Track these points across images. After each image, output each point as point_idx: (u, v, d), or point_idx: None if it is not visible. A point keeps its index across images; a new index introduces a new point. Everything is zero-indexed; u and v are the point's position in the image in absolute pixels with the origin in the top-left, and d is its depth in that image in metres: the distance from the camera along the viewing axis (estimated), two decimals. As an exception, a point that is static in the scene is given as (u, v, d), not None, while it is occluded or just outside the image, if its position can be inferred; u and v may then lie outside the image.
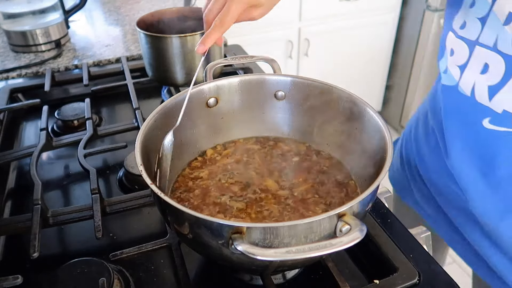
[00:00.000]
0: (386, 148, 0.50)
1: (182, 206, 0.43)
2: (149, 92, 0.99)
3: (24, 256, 0.59)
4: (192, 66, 0.86)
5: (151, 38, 0.83)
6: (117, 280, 0.52)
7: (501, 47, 0.55)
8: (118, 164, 0.77)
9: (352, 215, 0.42)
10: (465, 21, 0.59)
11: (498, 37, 0.55)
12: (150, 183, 0.45)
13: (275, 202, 0.56)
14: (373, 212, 0.62)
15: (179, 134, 0.62)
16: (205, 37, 0.59)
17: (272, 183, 0.60)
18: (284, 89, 0.64)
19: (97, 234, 0.57)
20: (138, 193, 0.65)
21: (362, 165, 0.58)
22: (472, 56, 0.60)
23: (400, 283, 0.52)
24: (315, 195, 0.57)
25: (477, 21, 0.57)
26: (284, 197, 0.57)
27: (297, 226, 0.41)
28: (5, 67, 1.06)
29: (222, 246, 0.43)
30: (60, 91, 1.02)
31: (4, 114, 0.90)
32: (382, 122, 0.53)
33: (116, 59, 1.10)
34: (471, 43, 0.59)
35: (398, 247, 0.56)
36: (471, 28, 0.58)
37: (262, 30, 2.07)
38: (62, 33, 1.17)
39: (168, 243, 0.58)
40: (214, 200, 0.57)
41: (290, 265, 0.52)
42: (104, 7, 1.45)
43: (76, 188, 0.74)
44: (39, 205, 0.60)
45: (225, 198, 0.57)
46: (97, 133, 0.81)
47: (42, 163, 0.79)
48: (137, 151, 0.50)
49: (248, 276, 0.56)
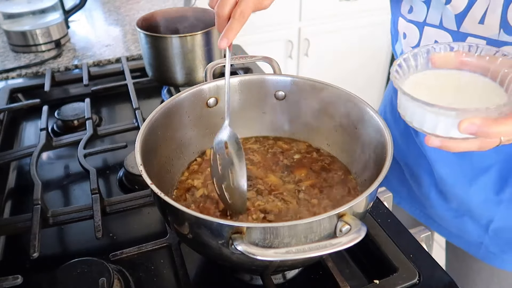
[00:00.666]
0: (386, 148, 0.50)
1: (182, 206, 0.43)
2: (149, 92, 0.99)
3: (24, 256, 0.59)
4: (192, 66, 0.86)
5: (151, 38, 0.83)
6: (117, 280, 0.52)
7: (446, 25, 0.61)
8: (118, 164, 0.77)
9: (352, 215, 0.42)
10: (411, 6, 0.65)
11: (442, 16, 0.61)
12: (150, 183, 0.45)
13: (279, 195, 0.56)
14: (373, 212, 0.62)
15: (179, 134, 0.62)
16: (227, 30, 0.53)
17: (274, 178, 0.60)
18: (284, 89, 0.64)
19: (97, 234, 0.57)
20: (138, 193, 0.65)
21: (362, 165, 0.58)
22: (422, 36, 0.66)
23: (400, 283, 0.52)
24: (315, 195, 0.57)
25: (423, 4, 0.63)
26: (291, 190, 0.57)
27: (297, 226, 0.41)
28: (5, 67, 1.06)
29: (222, 246, 0.43)
30: (60, 91, 1.01)
31: (4, 114, 0.90)
32: (382, 122, 0.53)
33: (116, 59, 1.10)
34: (420, 24, 0.65)
35: (398, 247, 0.56)
36: (418, 11, 0.65)
37: (262, 30, 2.07)
38: (62, 33, 1.17)
39: (168, 243, 0.58)
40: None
41: (290, 265, 0.52)
42: (104, 7, 1.45)
43: (76, 188, 0.74)
44: (39, 205, 0.60)
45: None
46: (97, 133, 0.81)
47: (42, 163, 0.79)
48: (137, 151, 0.50)
49: (248, 276, 0.56)
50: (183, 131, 0.62)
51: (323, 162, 0.63)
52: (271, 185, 0.59)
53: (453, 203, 0.74)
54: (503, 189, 0.68)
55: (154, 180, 0.46)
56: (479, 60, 0.44)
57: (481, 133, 0.38)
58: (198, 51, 0.84)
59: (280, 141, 0.67)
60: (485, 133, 0.38)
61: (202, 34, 0.83)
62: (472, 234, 0.75)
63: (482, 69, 0.44)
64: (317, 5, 2.16)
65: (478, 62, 0.44)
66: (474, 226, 0.74)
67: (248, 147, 0.66)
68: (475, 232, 0.74)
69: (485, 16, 0.56)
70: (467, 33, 0.59)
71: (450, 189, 0.73)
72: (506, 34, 0.55)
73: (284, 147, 0.66)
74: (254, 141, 0.67)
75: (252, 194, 0.57)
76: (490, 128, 0.38)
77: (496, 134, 0.38)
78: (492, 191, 0.69)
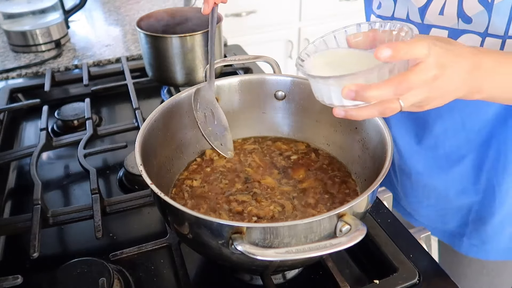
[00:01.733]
0: (386, 148, 0.50)
1: (182, 206, 0.43)
2: (149, 92, 0.99)
3: (24, 256, 0.58)
4: (192, 66, 0.86)
5: (151, 38, 0.83)
6: (117, 280, 0.52)
7: (412, 18, 0.64)
8: (118, 164, 0.77)
9: (352, 215, 0.42)
10: (380, 2, 0.68)
11: (408, 10, 0.64)
12: (150, 183, 0.45)
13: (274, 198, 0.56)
14: (373, 212, 0.62)
15: (179, 134, 0.62)
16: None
17: (271, 180, 0.60)
18: (284, 89, 0.64)
19: (97, 234, 0.57)
20: (138, 193, 0.65)
21: (362, 165, 0.58)
22: None
23: (400, 283, 0.52)
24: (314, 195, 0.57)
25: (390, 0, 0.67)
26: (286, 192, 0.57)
27: (297, 226, 0.41)
28: (5, 67, 1.06)
29: (222, 246, 0.43)
30: (60, 91, 1.01)
31: (4, 114, 0.90)
32: (382, 122, 0.53)
33: (116, 59, 1.10)
34: (389, 19, 0.67)
35: (398, 247, 0.56)
36: (386, 7, 0.68)
37: (262, 30, 2.07)
38: (62, 33, 1.17)
39: (168, 243, 0.58)
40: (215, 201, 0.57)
41: (290, 265, 0.52)
42: (104, 7, 1.45)
43: (76, 188, 0.74)
44: (39, 205, 0.60)
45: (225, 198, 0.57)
46: (97, 133, 0.81)
47: (42, 163, 0.79)
48: (137, 151, 0.50)
49: (248, 276, 0.56)
50: (183, 131, 0.62)
51: (323, 162, 0.63)
52: (268, 188, 0.59)
53: (431, 198, 0.76)
54: (479, 178, 0.69)
55: (154, 180, 0.46)
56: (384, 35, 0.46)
57: (359, 97, 0.40)
58: (198, 51, 0.84)
59: (279, 141, 0.67)
60: (362, 98, 0.40)
61: (202, 34, 0.83)
62: (453, 227, 0.76)
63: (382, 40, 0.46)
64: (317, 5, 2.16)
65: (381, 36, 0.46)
66: (454, 219, 0.75)
67: (246, 148, 0.66)
68: (456, 225, 0.75)
69: (444, 8, 0.59)
70: (431, 25, 0.62)
71: (428, 182, 0.74)
72: (464, 22, 0.58)
73: (283, 147, 0.66)
74: (253, 141, 0.67)
75: (247, 198, 0.57)
76: (365, 92, 0.40)
77: (371, 98, 0.40)
78: (468, 182, 0.70)
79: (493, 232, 0.71)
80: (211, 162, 0.64)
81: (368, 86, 0.40)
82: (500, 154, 0.65)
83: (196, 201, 0.57)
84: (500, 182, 0.67)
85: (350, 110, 0.44)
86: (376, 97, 0.40)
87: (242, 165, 0.63)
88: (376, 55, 0.39)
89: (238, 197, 0.57)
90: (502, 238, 0.71)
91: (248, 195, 0.57)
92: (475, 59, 0.44)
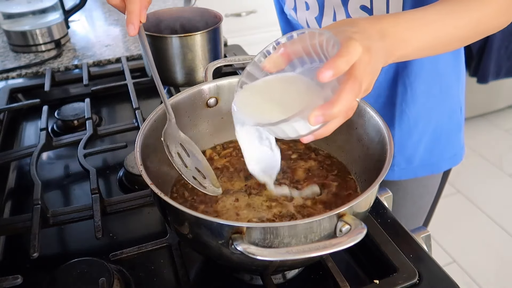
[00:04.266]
0: (386, 148, 0.50)
1: (182, 206, 0.43)
2: (149, 92, 0.98)
3: (24, 256, 0.59)
4: (192, 66, 0.86)
5: (151, 38, 0.83)
6: (117, 280, 0.52)
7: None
8: (118, 164, 0.77)
9: (352, 215, 0.42)
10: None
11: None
12: (150, 183, 0.45)
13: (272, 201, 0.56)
14: (373, 212, 0.62)
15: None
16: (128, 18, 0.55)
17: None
18: (284, 89, 0.64)
19: (97, 234, 0.57)
20: (138, 193, 0.65)
21: (362, 165, 0.58)
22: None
23: (400, 283, 0.52)
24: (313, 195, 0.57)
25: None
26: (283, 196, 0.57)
27: (297, 226, 0.41)
28: (5, 67, 1.06)
29: (222, 246, 0.43)
30: (60, 91, 1.01)
31: (4, 114, 0.90)
32: (382, 122, 0.53)
33: (116, 59, 1.10)
34: None
35: (398, 247, 0.56)
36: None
37: (262, 30, 2.06)
38: (62, 33, 1.17)
39: (168, 243, 0.58)
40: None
41: (290, 265, 0.52)
42: (104, 7, 1.45)
43: (76, 188, 0.74)
44: (39, 205, 0.60)
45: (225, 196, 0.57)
46: (97, 133, 0.81)
47: (42, 163, 0.79)
48: (137, 151, 0.50)
49: (248, 276, 0.56)
50: (183, 131, 0.62)
51: (323, 162, 0.63)
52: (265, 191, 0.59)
53: None
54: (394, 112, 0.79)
55: (154, 180, 0.46)
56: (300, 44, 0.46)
57: (329, 117, 0.41)
58: (198, 51, 0.84)
59: (279, 141, 0.67)
60: (332, 115, 0.41)
61: (202, 34, 0.83)
62: None
63: (305, 50, 0.46)
64: (317, 5, 2.16)
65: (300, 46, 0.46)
66: None
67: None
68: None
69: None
70: None
71: None
72: None
73: (283, 147, 0.66)
74: (254, 141, 0.67)
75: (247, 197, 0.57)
76: (332, 110, 0.40)
77: (339, 112, 0.41)
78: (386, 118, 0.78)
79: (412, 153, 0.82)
80: (211, 161, 0.64)
81: (330, 104, 0.40)
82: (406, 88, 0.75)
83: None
84: (411, 110, 0.77)
85: (317, 132, 0.45)
86: (343, 109, 0.41)
87: (242, 164, 0.63)
88: (320, 79, 0.39)
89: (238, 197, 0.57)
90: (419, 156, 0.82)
91: (247, 194, 0.57)
92: (378, 28, 0.47)
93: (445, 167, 0.88)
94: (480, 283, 1.64)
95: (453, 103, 0.81)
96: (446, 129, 0.83)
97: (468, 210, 1.94)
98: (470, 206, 1.97)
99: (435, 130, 0.81)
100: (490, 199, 1.99)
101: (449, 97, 0.80)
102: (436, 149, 0.84)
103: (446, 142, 0.84)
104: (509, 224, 1.88)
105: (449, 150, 0.85)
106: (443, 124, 0.81)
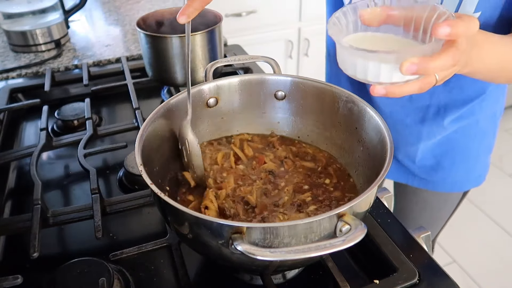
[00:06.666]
0: (386, 148, 0.50)
1: (182, 206, 0.43)
2: (149, 92, 0.99)
3: (24, 256, 0.59)
4: (192, 66, 0.86)
5: (151, 38, 0.83)
6: (117, 280, 0.52)
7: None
8: (118, 164, 0.77)
9: (352, 215, 0.42)
10: None
11: None
12: (150, 183, 0.45)
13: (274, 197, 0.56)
14: (373, 212, 0.62)
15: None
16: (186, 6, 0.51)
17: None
18: (284, 89, 0.64)
19: (97, 234, 0.57)
20: (138, 193, 0.65)
21: (362, 165, 0.58)
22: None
23: (400, 283, 0.52)
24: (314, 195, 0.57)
25: None
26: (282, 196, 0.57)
27: (297, 226, 0.41)
28: (5, 67, 1.06)
29: (222, 246, 0.43)
30: (60, 91, 1.01)
31: (4, 114, 0.90)
32: (382, 122, 0.53)
33: (116, 59, 1.10)
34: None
35: (398, 247, 0.56)
36: None
37: (262, 30, 2.06)
38: (62, 33, 1.17)
39: (168, 243, 0.58)
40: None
41: (290, 265, 0.52)
42: (104, 7, 1.45)
43: (76, 188, 0.74)
44: (39, 205, 0.60)
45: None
46: (97, 133, 0.81)
47: (42, 163, 0.79)
48: (137, 151, 0.50)
49: (248, 276, 0.56)
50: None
51: (323, 162, 0.63)
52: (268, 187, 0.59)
53: None
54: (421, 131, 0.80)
55: (154, 180, 0.46)
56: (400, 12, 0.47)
57: (421, 69, 0.41)
58: (198, 51, 0.84)
59: (279, 140, 0.67)
60: (425, 70, 0.41)
61: (202, 34, 0.83)
62: (406, 168, 0.87)
63: (405, 19, 0.47)
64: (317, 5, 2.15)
65: (400, 13, 0.47)
66: (406, 162, 0.86)
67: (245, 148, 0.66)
68: (407, 165, 0.86)
69: None
70: None
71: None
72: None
73: (283, 147, 0.66)
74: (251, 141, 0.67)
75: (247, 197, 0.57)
76: (429, 63, 0.41)
77: (433, 69, 0.41)
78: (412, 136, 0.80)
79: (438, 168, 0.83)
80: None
81: (429, 58, 0.41)
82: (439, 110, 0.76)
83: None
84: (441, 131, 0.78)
85: (391, 87, 0.45)
86: (438, 68, 0.41)
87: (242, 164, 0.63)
88: (434, 32, 0.40)
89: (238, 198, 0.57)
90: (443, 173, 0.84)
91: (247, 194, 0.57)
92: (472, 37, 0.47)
93: (467, 187, 0.87)
94: (480, 283, 1.64)
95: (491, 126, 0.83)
96: (476, 150, 0.82)
97: (468, 210, 1.95)
98: (470, 206, 1.97)
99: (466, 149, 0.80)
100: (490, 199, 1.99)
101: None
102: (462, 169, 0.83)
103: (474, 162, 0.84)
104: (509, 224, 1.88)
105: (475, 171, 0.85)
106: (473, 145, 0.81)
